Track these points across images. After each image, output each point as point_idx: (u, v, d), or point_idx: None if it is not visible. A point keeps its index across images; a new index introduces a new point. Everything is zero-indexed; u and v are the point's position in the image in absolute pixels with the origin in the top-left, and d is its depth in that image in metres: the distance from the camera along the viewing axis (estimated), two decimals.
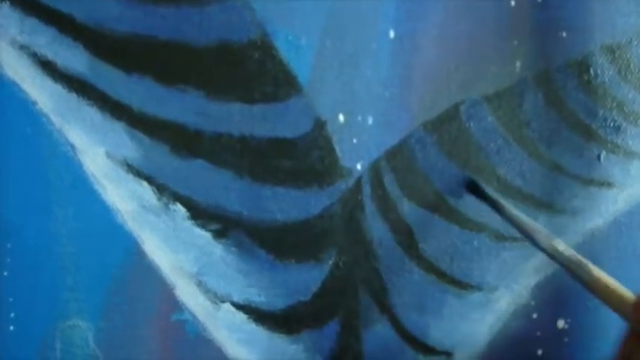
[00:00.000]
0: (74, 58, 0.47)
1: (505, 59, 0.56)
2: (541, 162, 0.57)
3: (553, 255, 0.51)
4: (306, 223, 0.52)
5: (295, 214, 0.52)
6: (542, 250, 0.51)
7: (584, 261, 0.50)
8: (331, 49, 0.52)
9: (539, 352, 0.57)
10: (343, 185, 0.53)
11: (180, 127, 0.49)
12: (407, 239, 0.55)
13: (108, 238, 0.48)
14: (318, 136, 0.52)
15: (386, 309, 0.55)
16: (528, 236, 0.52)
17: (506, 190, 0.56)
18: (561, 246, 0.51)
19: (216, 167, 0.50)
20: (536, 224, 0.52)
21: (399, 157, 0.54)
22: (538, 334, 0.58)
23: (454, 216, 0.56)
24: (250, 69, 0.50)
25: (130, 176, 0.48)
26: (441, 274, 0.56)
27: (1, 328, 0.46)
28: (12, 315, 0.46)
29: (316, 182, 0.52)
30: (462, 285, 0.56)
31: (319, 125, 0.52)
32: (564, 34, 0.57)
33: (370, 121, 0.53)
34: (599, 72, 0.57)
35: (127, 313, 0.49)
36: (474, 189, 0.55)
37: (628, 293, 0.48)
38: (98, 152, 0.48)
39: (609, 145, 0.58)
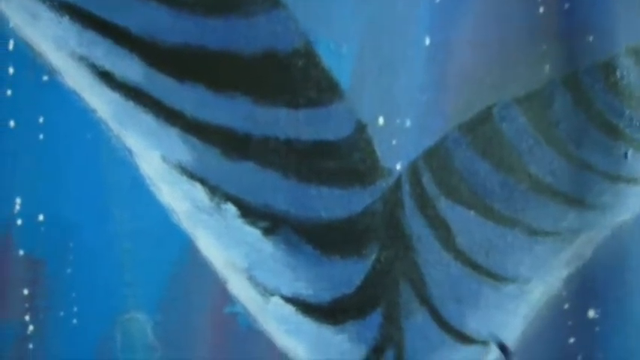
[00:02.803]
0: (130, 68, 0.47)
1: (535, 63, 0.56)
2: (570, 160, 0.57)
3: None
4: (350, 220, 0.52)
5: (339, 212, 0.52)
6: None
7: None
8: (370, 56, 0.52)
9: (571, 340, 0.57)
10: (384, 184, 0.53)
11: (230, 132, 0.49)
12: (444, 234, 0.54)
13: (164, 236, 0.48)
14: (360, 139, 0.52)
15: (425, 300, 0.54)
16: None
17: (538, 187, 0.56)
18: None
19: (264, 169, 0.50)
20: None
21: (435, 157, 0.54)
22: (570, 323, 0.57)
23: (489, 212, 0.55)
24: (295, 76, 0.50)
25: (184, 178, 0.48)
26: (477, 267, 0.55)
27: (65, 321, 0.46)
28: (75, 309, 0.46)
29: (358, 182, 0.52)
30: (497, 277, 0.55)
31: (360, 128, 0.52)
32: (591, 38, 0.56)
33: (408, 123, 0.53)
34: (624, 73, 0.57)
35: (183, 306, 0.49)
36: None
37: None
38: (154, 156, 0.48)
39: (635, 143, 0.57)
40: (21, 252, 0.45)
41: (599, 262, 0.55)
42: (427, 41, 0.53)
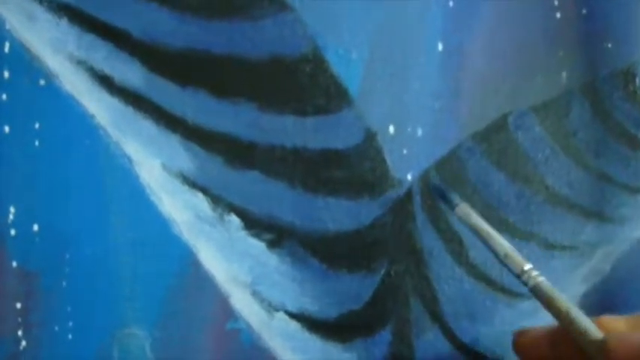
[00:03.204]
0: (130, 72, 0.45)
1: (551, 70, 0.55)
2: (588, 171, 0.56)
3: (520, 278, 0.47)
4: (358, 232, 0.50)
5: (347, 223, 0.50)
6: (510, 270, 0.48)
7: (555, 291, 0.47)
8: (381, 62, 0.51)
9: None
10: (394, 195, 0.51)
11: (234, 140, 0.47)
12: (457, 248, 0.53)
13: (164, 248, 0.46)
14: (369, 147, 0.51)
15: (437, 317, 0.53)
16: (495, 253, 0.48)
17: (555, 199, 0.55)
18: (532, 271, 0.47)
19: (270, 178, 0.48)
20: (507, 243, 0.49)
21: (448, 167, 0.53)
22: None
23: (503, 225, 0.54)
24: (302, 82, 0.49)
25: (186, 187, 0.47)
26: (491, 283, 0.54)
27: (60, 336, 0.44)
28: (70, 324, 0.45)
29: (367, 192, 0.51)
30: (512, 293, 0.54)
31: (370, 136, 0.51)
32: (609, 45, 0.56)
33: (420, 132, 0.52)
34: None
35: (183, 321, 0.47)
36: (437, 191, 0.52)
37: (595, 332, 0.44)
38: (154, 164, 0.46)
39: None
40: (14, 263, 0.44)
41: (617, 278, 0.54)
42: (440, 47, 0.52)
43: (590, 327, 0.45)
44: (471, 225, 0.49)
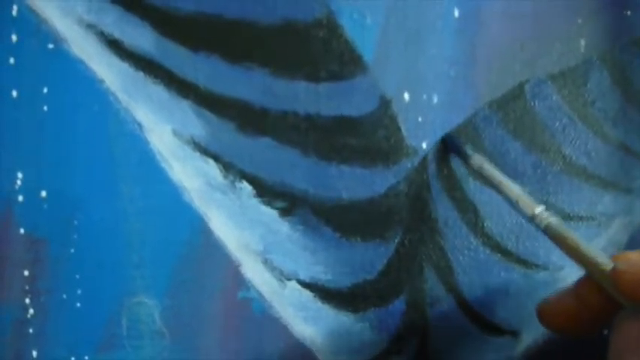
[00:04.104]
0: (141, 36, 0.44)
1: (570, 38, 0.54)
2: (606, 141, 0.55)
3: (533, 221, 0.47)
4: (372, 201, 0.49)
5: (361, 192, 0.49)
6: (523, 215, 0.48)
7: (565, 229, 0.46)
8: (396, 27, 0.49)
9: (605, 331, 0.54)
10: (409, 164, 0.50)
11: (247, 106, 0.46)
12: (472, 218, 0.52)
13: (174, 215, 0.45)
14: (384, 115, 0.49)
15: (452, 287, 0.52)
16: (508, 199, 0.48)
17: (572, 168, 0.54)
18: (543, 213, 0.47)
19: (282, 145, 0.47)
20: (519, 188, 0.49)
21: (464, 135, 0.51)
22: None
23: None
24: (316, 47, 0.47)
25: (197, 154, 0.46)
26: (506, 253, 0.53)
27: (69, 304, 0.44)
28: (79, 292, 0.44)
29: (382, 161, 0.49)
30: (527, 264, 0.53)
31: (384, 104, 0.49)
32: (629, 13, 0.55)
33: (435, 99, 0.50)
34: None
35: (193, 290, 0.46)
36: (451, 144, 0.51)
37: (606, 261, 0.44)
38: (165, 130, 0.45)
39: None
40: (22, 230, 0.43)
41: (635, 249, 0.53)
42: (456, 13, 0.51)
43: (601, 258, 0.44)
44: (485, 174, 0.49)
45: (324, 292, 0.49)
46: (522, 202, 0.48)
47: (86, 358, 0.44)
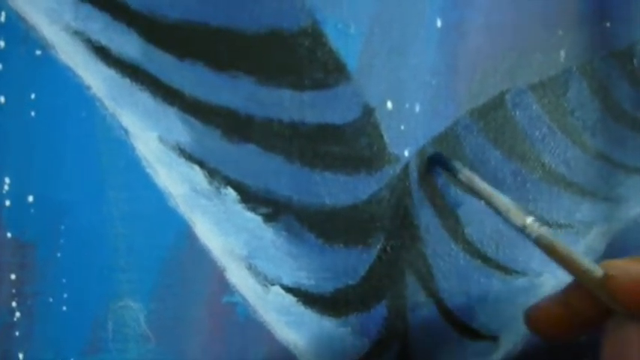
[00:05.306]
0: (127, 43, 0.44)
1: (550, 49, 0.54)
2: (585, 150, 0.55)
3: (524, 231, 0.48)
4: (355, 207, 0.49)
5: (344, 198, 0.49)
6: (514, 226, 0.48)
7: (554, 240, 0.47)
8: (379, 37, 0.50)
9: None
10: (391, 171, 0.50)
11: (232, 113, 0.46)
12: (453, 225, 0.52)
13: (160, 220, 0.45)
14: (367, 123, 0.49)
15: (432, 293, 0.52)
16: (498, 211, 0.49)
17: (551, 177, 0.54)
18: (533, 224, 0.48)
19: (267, 152, 0.47)
20: (508, 200, 0.49)
21: (445, 143, 0.52)
22: None
23: None
24: (300, 56, 0.47)
25: (182, 160, 0.45)
26: (486, 260, 0.53)
27: (55, 308, 0.43)
28: (65, 295, 0.44)
29: (364, 168, 0.50)
30: (507, 270, 0.54)
31: (368, 112, 0.49)
32: (608, 25, 0.55)
33: (417, 108, 0.51)
34: None
35: (178, 294, 0.46)
36: (438, 161, 0.52)
37: (597, 270, 0.45)
38: (151, 136, 0.45)
39: None
40: (9, 234, 0.43)
41: (612, 257, 0.53)
42: (439, 23, 0.51)
43: (592, 266, 0.45)
44: (475, 188, 0.49)
45: (307, 297, 0.49)
46: (513, 213, 0.48)
47: None
